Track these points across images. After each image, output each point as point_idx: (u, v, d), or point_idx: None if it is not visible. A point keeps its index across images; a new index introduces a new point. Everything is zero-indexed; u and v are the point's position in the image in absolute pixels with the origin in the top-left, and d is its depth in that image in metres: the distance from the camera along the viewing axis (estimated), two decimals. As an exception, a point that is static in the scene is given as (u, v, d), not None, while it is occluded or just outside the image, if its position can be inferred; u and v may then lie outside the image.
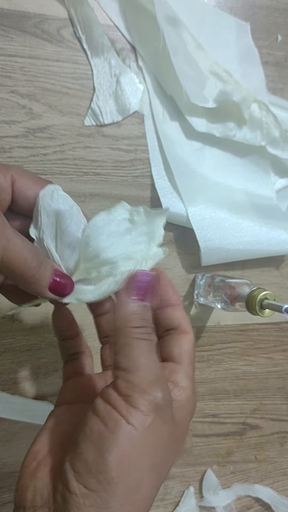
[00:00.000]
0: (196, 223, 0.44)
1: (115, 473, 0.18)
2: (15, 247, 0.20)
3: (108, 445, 0.18)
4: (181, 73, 0.43)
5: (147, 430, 0.18)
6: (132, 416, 0.18)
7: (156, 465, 0.19)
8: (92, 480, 0.18)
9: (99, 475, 0.18)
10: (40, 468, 0.20)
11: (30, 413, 0.43)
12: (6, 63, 0.41)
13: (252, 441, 0.51)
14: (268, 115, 0.46)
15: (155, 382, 0.19)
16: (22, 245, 0.21)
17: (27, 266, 0.21)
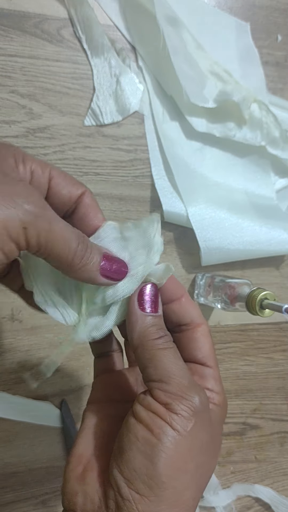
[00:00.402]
0: (196, 223, 0.44)
1: (165, 478, 0.18)
2: (59, 230, 0.19)
3: (156, 451, 0.19)
4: (181, 73, 0.43)
5: (190, 434, 0.19)
6: (175, 422, 0.19)
7: (200, 467, 0.20)
8: (143, 485, 0.18)
9: (149, 480, 0.18)
10: (87, 473, 0.21)
11: (32, 414, 0.43)
12: (6, 63, 0.41)
13: (252, 441, 0.51)
14: (268, 115, 0.46)
15: (190, 387, 0.20)
16: (66, 228, 0.20)
17: (73, 250, 0.20)
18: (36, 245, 0.19)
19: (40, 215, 0.18)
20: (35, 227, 0.18)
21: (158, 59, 0.44)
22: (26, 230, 0.18)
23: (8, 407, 0.42)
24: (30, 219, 0.18)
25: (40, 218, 0.18)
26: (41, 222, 0.18)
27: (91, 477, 0.20)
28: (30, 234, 0.18)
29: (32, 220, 0.18)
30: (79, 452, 0.22)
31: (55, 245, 0.19)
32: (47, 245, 0.19)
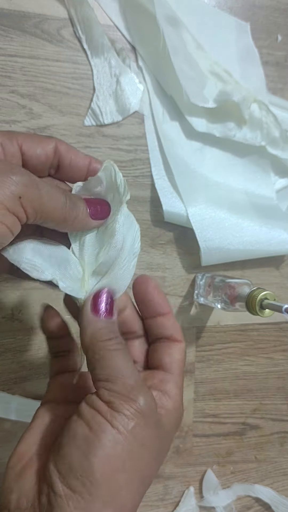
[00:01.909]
0: (196, 223, 0.44)
1: (99, 475, 0.18)
2: (47, 192, 0.20)
3: (92, 447, 0.18)
4: (181, 73, 0.43)
5: (131, 434, 0.19)
6: (116, 420, 0.19)
7: (140, 470, 0.19)
8: (76, 482, 0.18)
9: (83, 477, 0.18)
10: (26, 470, 0.21)
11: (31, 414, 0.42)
12: (6, 63, 0.41)
13: (252, 441, 0.51)
14: (268, 115, 0.46)
15: (136, 387, 0.20)
16: (52, 188, 0.21)
17: (63, 207, 0.21)
18: (33, 212, 0.20)
19: (28, 183, 0.19)
20: (28, 195, 0.19)
21: (158, 59, 0.44)
22: (21, 200, 0.19)
23: (7, 407, 0.42)
24: (21, 189, 0.19)
25: (29, 186, 0.19)
26: (31, 189, 0.19)
27: (29, 475, 0.20)
28: (25, 203, 0.19)
29: (24, 189, 0.19)
30: (22, 450, 0.22)
31: (49, 207, 0.20)
32: (42, 209, 0.20)
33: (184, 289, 0.48)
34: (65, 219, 0.21)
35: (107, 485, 0.18)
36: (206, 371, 0.49)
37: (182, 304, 0.48)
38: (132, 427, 0.19)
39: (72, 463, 0.18)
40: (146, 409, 0.20)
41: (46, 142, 0.23)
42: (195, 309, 0.48)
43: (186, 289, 0.48)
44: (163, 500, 0.48)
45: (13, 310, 0.43)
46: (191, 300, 0.48)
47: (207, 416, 0.50)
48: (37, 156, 0.23)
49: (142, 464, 0.19)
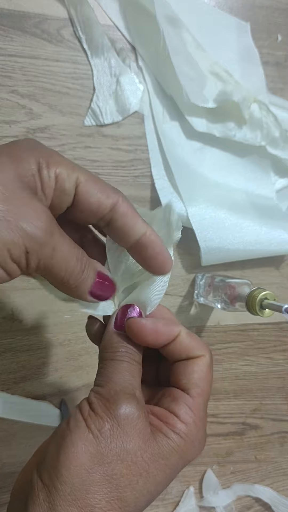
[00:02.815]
0: (196, 223, 0.44)
1: (65, 471, 0.18)
2: (61, 256, 0.19)
3: (64, 442, 0.19)
4: (181, 73, 0.43)
5: (104, 437, 0.19)
6: (92, 420, 0.19)
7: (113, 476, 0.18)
8: (46, 474, 0.18)
9: (51, 470, 0.18)
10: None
11: (30, 413, 0.43)
12: (6, 63, 0.41)
13: (252, 441, 0.51)
14: (268, 115, 0.46)
15: (118, 394, 0.20)
16: (68, 251, 0.20)
17: (70, 273, 0.20)
18: (35, 268, 0.19)
19: (44, 242, 0.18)
20: (37, 254, 0.19)
21: (158, 59, 0.44)
22: (28, 255, 0.18)
23: (7, 407, 0.42)
24: (33, 246, 0.18)
25: (44, 245, 0.18)
26: (44, 249, 0.19)
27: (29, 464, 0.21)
28: (31, 259, 0.19)
29: (35, 247, 0.18)
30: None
31: (54, 270, 0.20)
32: (46, 268, 0.19)
33: (184, 289, 0.48)
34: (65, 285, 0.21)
35: (71, 482, 0.18)
36: (206, 371, 0.49)
37: (182, 304, 0.48)
38: (105, 430, 0.19)
39: (46, 455, 0.19)
40: (125, 415, 0.19)
41: (105, 195, 0.21)
42: (195, 309, 0.48)
43: (186, 289, 0.48)
44: (163, 500, 0.48)
45: (13, 310, 0.43)
46: (191, 300, 0.48)
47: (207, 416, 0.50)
48: (90, 204, 0.21)
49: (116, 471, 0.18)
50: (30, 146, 0.20)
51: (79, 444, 0.18)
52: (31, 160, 0.20)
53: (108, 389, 0.20)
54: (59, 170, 0.20)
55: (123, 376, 0.21)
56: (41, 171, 0.20)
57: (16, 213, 0.18)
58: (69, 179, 0.20)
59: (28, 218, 0.18)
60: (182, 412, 0.21)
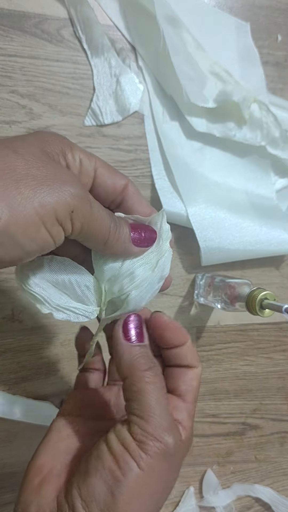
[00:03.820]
0: (196, 223, 0.44)
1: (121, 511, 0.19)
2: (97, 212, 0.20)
3: (119, 486, 0.19)
4: (181, 73, 0.43)
5: (156, 475, 0.20)
6: (144, 462, 0.19)
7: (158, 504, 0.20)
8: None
9: (106, 509, 0.19)
10: (44, 486, 0.21)
11: (31, 414, 0.43)
12: (6, 63, 0.41)
13: (252, 441, 0.51)
14: (268, 115, 0.46)
15: (167, 430, 0.20)
16: (102, 208, 0.21)
17: (108, 229, 0.21)
18: (80, 227, 0.19)
19: (84, 198, 0.19)
20: (80, 210, 0.19)
21: (158, 59, 0.44)
22: (73, 214, 0.19)
23: (8, 407, 0.42)
24: (77, 203, 0.19)
25: (84, 202, 0.19)
26: (84, 205, 0.19)
27: (46, 490, 0.21)
28: (75, 218, 0.19)
29: (78, 203, 0.19)
30: (39, 463, 0.22)
31: (95, 226, 0.20)
32: (89, 227, 0.20)
33: (184, 289, 0.48)
34: (107, 241, 0.21)
35: None
36: (206, 371, 0.49)
37: (182, 304, 0.48)
38: (158, 470, 0.20)
39: (96, 493, 0.19)
40: (172, 452, 0.20)
41: (119, 177, 0.24)
42: (195, 309, 0.48)
43: (186, 289, 0.48)
44: (163, 500, 0.48)
45: (13, 310, 0.43)
46: (191, 300, 0.48)
47: (207, 416, 0.50)
48: (106, 185, 0.23)
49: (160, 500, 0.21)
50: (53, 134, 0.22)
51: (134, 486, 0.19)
52: (56, 142, 0.21)
53: (155, 426, 0.20)
54: (82, 155, 0.22)
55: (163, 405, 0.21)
56: (65, 153, 0.21)
57: (54, 176, 0.18)
58: (90, 163, 0.22)
59: (65, 179, 0.19)
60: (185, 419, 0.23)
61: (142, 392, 0.21)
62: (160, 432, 0.20)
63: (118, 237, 0.21)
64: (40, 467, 0.22)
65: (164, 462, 0.20)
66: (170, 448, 0.20)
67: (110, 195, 0.24)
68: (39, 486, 0.21)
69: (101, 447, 0.20)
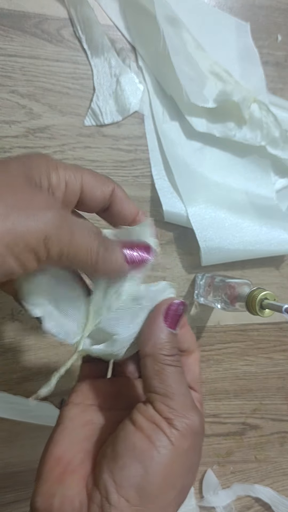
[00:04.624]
0: (196, 223, 0.44)
1: (156, 489, 0.18)
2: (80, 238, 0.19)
3: (154, 462, 0.19)
4: (181, 73, 0.43)
5: (185, 453, 0.20)
6: (175, 438, 0.19)
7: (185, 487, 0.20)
8: (134, 494, 0.18)
9: (141, 490, 0.18)
10: (68, 476, 0.20)
11: (32, 414, 0.43)
12: (6, 63, 0.41)
13: (252, 441, 0.51)
14: (268, 115, 0.46)
15: (192, 408, 0.21)
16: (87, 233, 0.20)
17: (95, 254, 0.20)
18: (57, 255, 0.19)
19: (62, 225, 0.18)
20: (57, 237, 0.18)
21: (158, 59, 0.44)
22: (48, 241, 0.18)
23: (8, 407, 0.42)
24: (51, 230, 0.18)
25: (62, 228, 0.18)
26: (63, 232, 0.18)
27: (72, 480, 0.20)
28: (51, 244, 0.18)
29: (53, 230, 0.18)
30: (58, 453, 0.22)
31: (78, 253, 0.19)
32: (69, 253, 0.19)
33: (184, 289, 0.48)
34: (95, 264, 0.20)
35: (160, 500, 0.18)
36: (206, 371, 0.49)
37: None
38: (187, 447, 0.20)
39: (130, 474, 0.18)
40: (199, 431, 0.20)
41: (106, 185, 0.23)
42: (195, 309, 0.48)
43: (186, 289, 0.48)
44: (163, 500, 0.48)
45: (13, 310, 0.43)
46: (191, 300, 0.48)
47: (207, 416, 0.50)
48: (95, 198, 0.23)
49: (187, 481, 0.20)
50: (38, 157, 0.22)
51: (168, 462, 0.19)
52: (40, 165, 0.21)
53: (181, 403, 0.20)
54: (68, 175, 0.22)
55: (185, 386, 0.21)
56: (49, 175, 0.21)
57: (27, 201, 0.18)
58: (76, 181, 0.22)
59: (41, 205, 0.18)
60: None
61: (164, 371, 0.21)
62: (186, 409, 0.20)
63: (108, 260, 0.21)
64: (59, 456, 0.21)
65: (192, 439, 0.20)
66: (197, 425, 0.20)
67: (99, 204, 0.24)
68: (61, 477, 0.20)
69: (128, 428, 0.20)
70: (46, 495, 0.20)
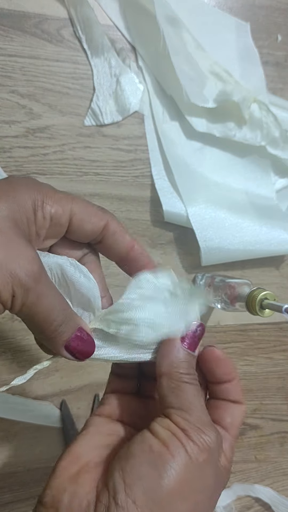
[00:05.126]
0: (196, 223, 0.44)
1: (166, 495, 0.18)
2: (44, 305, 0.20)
3: (167, 466, 0.18)
4: (181, 73, 0.43)
5: (200, 466, 0.19)
6: (190, 448, 0.19)
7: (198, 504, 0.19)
8: (142, 496, 0.18)
9: (151, 492, 0.18)
10: (82, 475, 0.20)
11: (31, 414, 0.43)
12: (6, 63, 0.41)
13: (252, 441, 0.51)
14: (268, 115, 0.46)
15: (209, 424, 0.20)
16: (52, 300, 0.20)
17: (49, 323, 0.20)
18: (18, 310, 0.19)
19: (31, 289, 0.19)
20: (22, 299, 0.19)
21: (158, 59, 0.44)
22: (14, 299, 0.19)
23: (7, 407, 0.42)
24: (20, 292, 0.19)
25: (30, 292, 0.19)
26: (30, 295, 0.19)
27: (84, 479, 0.20)
28: (15, 303, 0.19)
29: (22, 292, 0.19)
30: (78, 452, 0.22)
31: (35, 316, 0.20)
32: (28, 314, 0.20)
33: (184, 289, 0.48)
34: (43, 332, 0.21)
35: (168, 508, 0.18)
36: (206, 371, 0.49)
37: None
38: (202, 460, 0.19)
39: (142, 475, 0.18)
40: (215, 448, 0.20)
41: (98, 218, 0.23)
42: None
43: (186, 289, 0.48)
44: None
45: (13, 310, 0.43)
46: (191, 300, 0.48)
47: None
48: (85, 231, 0.23)
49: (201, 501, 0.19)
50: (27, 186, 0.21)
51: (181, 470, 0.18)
52: (27, 202, 0.20)
53: (197, 417, 0.20)
54: (54, 209, 0.21)
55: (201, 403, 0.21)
56: (36, 213, 0.21)
57: (7, 257, 0.18)
58: (63, 214, 0.22)
59: (18, 263, 0.19)
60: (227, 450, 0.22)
61: (180, 387, 0.21)
62: (203, 424, 0.20)
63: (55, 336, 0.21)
64: (79, 455, 0.21)
65: (208, 455, 0.19)
66: (213, 441, 0.20)
67: (89, 236, 0.23)
68: (76, 475, 0.20)
69: (145, 434, 0.20)
70: (57, 490, 0.20)
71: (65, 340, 0.21)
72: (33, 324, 0.20)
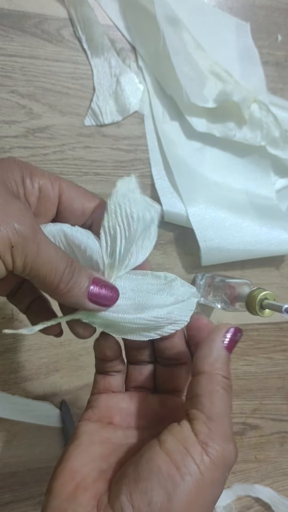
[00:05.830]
0: (196, 223, 0.44)
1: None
2: (47, 254, 0.19)
3: (178, 491, 0.18)
4: (181, 73, 0.43)
5: (212, 484, 0.18)
6: (205, 466, 0.18)
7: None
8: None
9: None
10: (80, 492, 0.19)
11: (31, 414, 0.43)
12: (6, 63, 0.41)
13: (252, 441, 0.51)
14: (268, 115, 0.46)
15: (231, 439, 0.19)
16: (55, 252, 0.19)
17: (59, 275, 0.19)
18: (21, 265, 0.19)
19: (30, 237, 0.18)
20: (23, 248, 0.18)
21: (158, 59, 0.44)
22: (13, 249, 0.18)
23: (7, 407, 0.42)
24: (19, 240, 0.18)
25: (29, 240, 0.18)
26: (29, 243, 0.18)
27: (84, 498, 0.19)
28: (16, 254, 0.18)
29: (20, 240, 0.18)
30: (72, 468, 0.21)
31: (41, 268, 0.19)
32: (33, 267, 0.19)
33: (184, 289, 0.48)
34: (56, 288, 0.20)
35: None
36: (206, 371, 0.49)
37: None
38: (216, 478, 0.18)
39: (152, 500, 0.17)
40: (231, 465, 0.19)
41: (88, 199, 0.23)
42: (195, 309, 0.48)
43: (186, 289, 0.48)
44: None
45: (13, 310, 0.43)
46: (191, 300, 0.48)
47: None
48: (74, 209, 0.22)
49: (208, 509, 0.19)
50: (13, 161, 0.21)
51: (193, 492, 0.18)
52: (15, 170, 0.21)
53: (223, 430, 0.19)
54: (43, 181, 0.21)
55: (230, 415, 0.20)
56: (24, 180, 0.21)
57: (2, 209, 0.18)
58: (53, 188, 0.22)
59: (11, 213, 0.18)
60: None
61: (217, 393, 0.20)
62: (226, 438, 0.19)
63: (70, 287, 0.20)
64: (74, 471, 0.20)
65: (222, 471, 0.19)
66: (231, 459, 0.19)
67: (79, 219, 0.23)
68: (74, 493, 0.19)
69: (154, 449, 0.19)
70: (58, 510, 0.19)
71: (85, 291, 0.21)
72: (43, 280, 0.19)
